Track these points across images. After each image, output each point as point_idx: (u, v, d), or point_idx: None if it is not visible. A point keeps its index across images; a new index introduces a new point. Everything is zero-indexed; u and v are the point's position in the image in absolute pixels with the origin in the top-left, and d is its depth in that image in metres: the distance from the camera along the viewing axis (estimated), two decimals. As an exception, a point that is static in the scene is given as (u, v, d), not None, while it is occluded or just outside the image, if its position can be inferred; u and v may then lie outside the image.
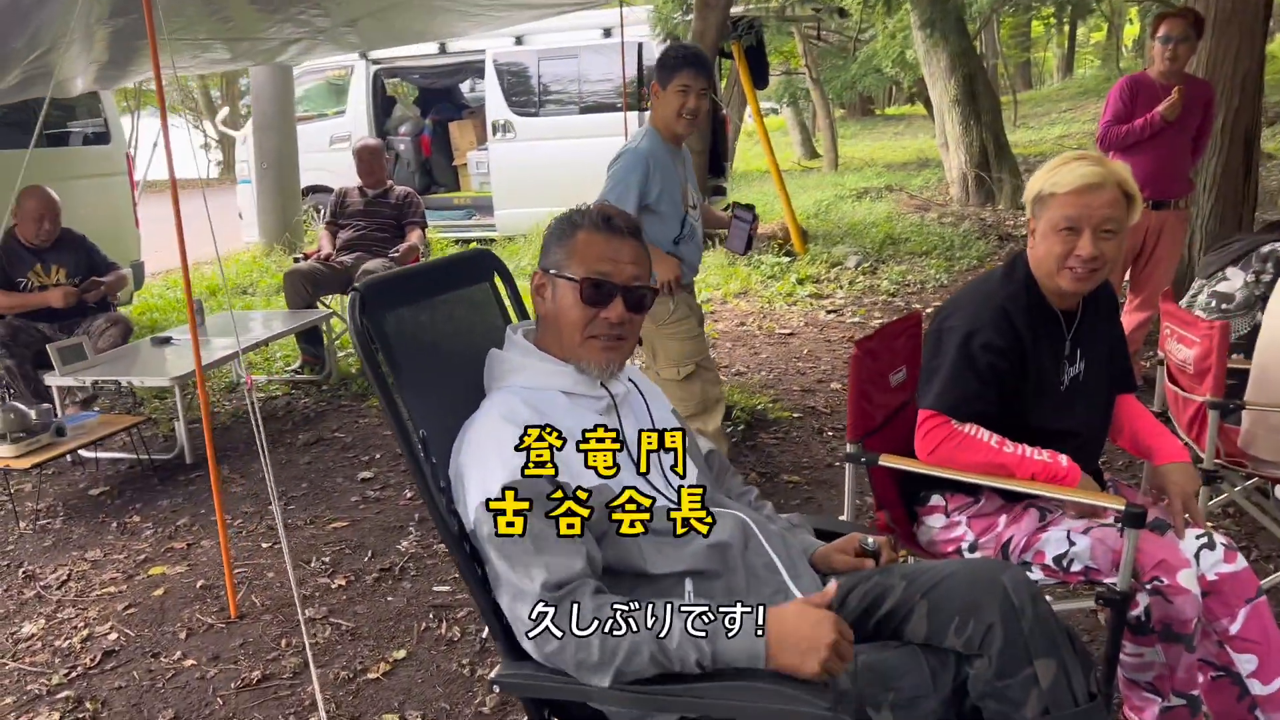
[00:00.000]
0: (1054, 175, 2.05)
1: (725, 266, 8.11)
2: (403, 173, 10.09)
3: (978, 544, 2.18)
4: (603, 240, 1.70)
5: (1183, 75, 4.52)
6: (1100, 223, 2.00)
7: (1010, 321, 2.08)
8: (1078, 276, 2.04)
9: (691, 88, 3.19)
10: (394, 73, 10.24)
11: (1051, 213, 2.04)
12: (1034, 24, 25.90)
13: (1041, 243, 2.08)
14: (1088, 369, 2.21)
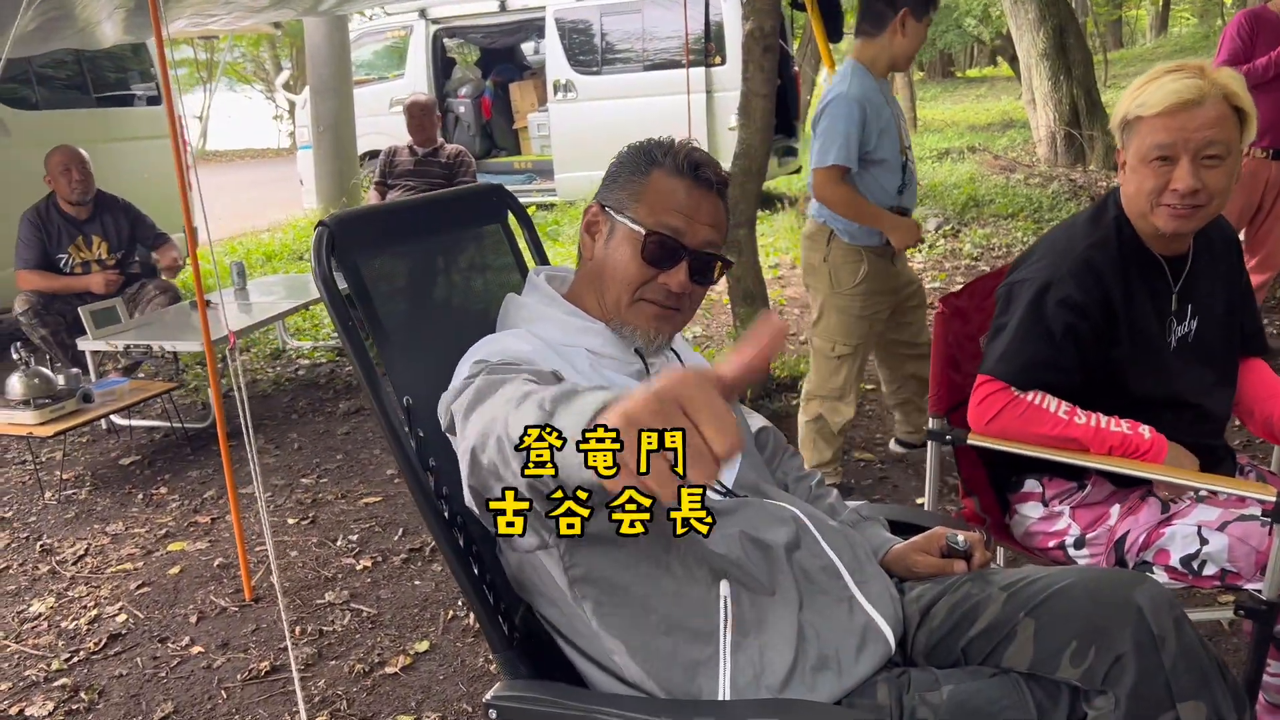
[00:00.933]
0: (1141, 94, 1.66)
1: (794, 230, 7.69)
2: (462, 136, 9.84)
3: (1085, 539, 1.82)
4: (684, 189, 1.37)
5: None
6: (1201, 147, 1.61)
7: (1096, 273, 1.71)
8: (1176, 214, 1.66)
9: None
10: (453, 33, 9.97)
11: (1141, 139, 1.66)
12: (1126, -22, 24.57)
13: (1132, 176, 1.70)
14: (1202, 326, 1.82)
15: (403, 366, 1.36)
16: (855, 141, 2.75)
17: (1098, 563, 1.81)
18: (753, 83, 3.73)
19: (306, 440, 4.04)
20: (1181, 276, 1.80)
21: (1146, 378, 1.78)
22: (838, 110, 2.76)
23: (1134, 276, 1.75)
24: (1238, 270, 1.92)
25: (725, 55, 8.45)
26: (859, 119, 2.74)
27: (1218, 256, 1.86)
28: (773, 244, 7.47)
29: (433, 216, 1.58)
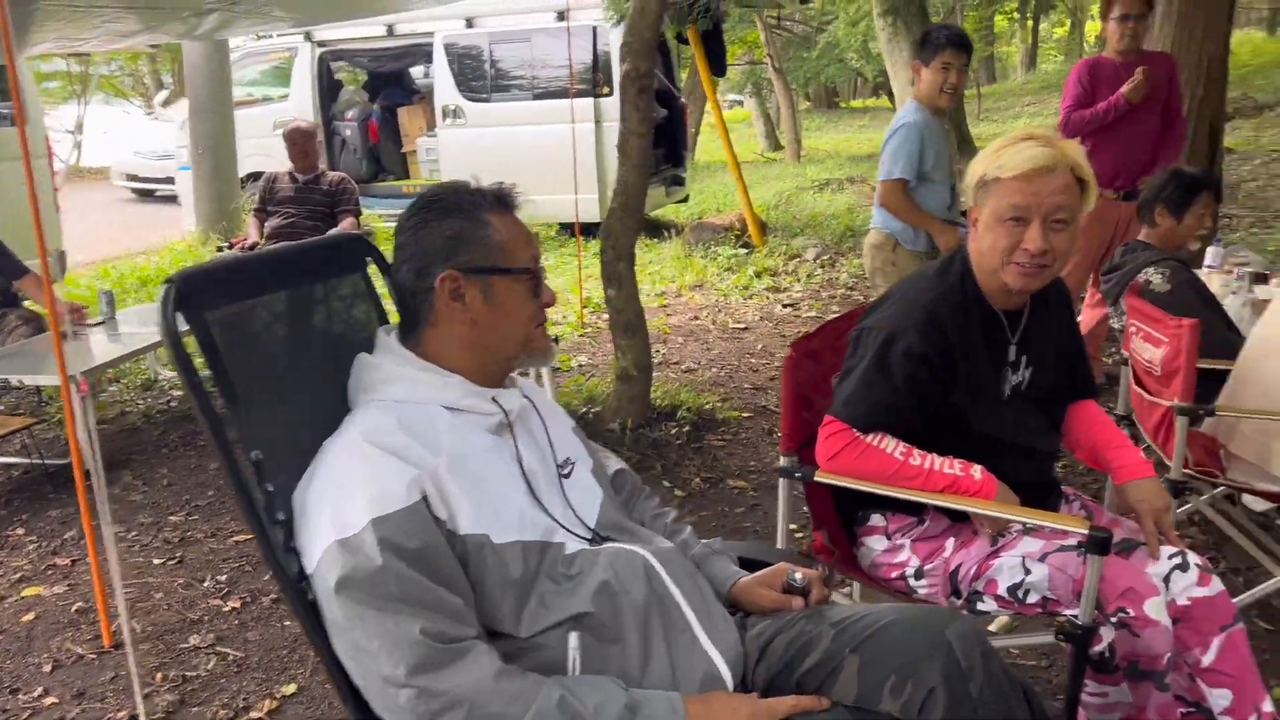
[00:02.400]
0: (999, 157, 1.79)
1: (681, 258, 7.85)
2: (349, 159, 9.72)
3: (923, 570, 1.94)
4: (517, 223, 1.51)
5: (1141, 52, 4.32)
6: (1051, 211, 1.75)
7: (939, 325, 1.84)
8: (1025, 272, 1.79)
9: (952, 65, 3.55)
10: (340, 55, 9.85)
11: (996, 200, 1.79)
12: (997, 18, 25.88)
13: (985, 234, 1.82)
14: (1035, 375, 1.97)
15: (253, 421, 1.37)
16: (915, 160, 3.56)
17: (935, 592, 1.93)
18: (629, 122, 3.83)
19: (177, 476, 3.93)
20: (1019, 329, 1.94)
21: (983, 421, 1.91)
22: (904, 135, 3.58)
23: (974, 329, 1.89)
24: (1069, 322, 2.08)
25: (614, 86, 8.57)
26: (918, 142, 3.55)
27: (1051, 310, 2.01)
28: (659, 272, 7.60)
29: (288, 268, 1.58)
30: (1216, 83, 5.32)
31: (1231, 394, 2.66)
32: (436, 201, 1.51)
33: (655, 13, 3.71)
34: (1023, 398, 1.96)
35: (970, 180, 1.85)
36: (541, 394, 1.67)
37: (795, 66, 13.82)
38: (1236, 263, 4.87)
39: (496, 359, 1.50)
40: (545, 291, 1.51)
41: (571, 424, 1.71)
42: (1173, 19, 5.26)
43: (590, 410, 3.98)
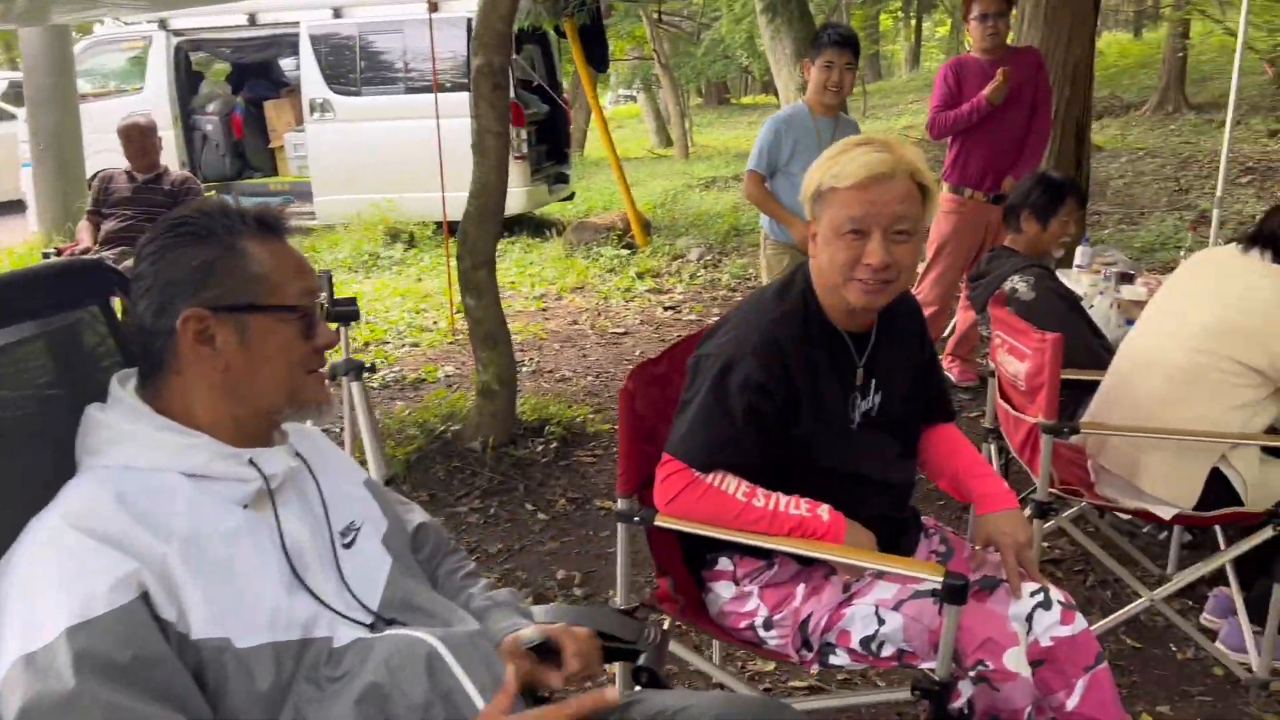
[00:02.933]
0: (834, 165, 1.64)
1: (563, 259, 7.63)
2: (211, 156, 9.18)
3: (772, 621, 1.77)
4: (281, 248, 1.25)
5: (1005, 49, 4.30)
6: (892, 222, 1.61)
7: (780, 350, 1.68)
8: (868, 289, 1.64)
9: (834, 64, 3.57)
10: (199, 46, 9.28)
11: (834, 212, 1.64)
12: (883, 17, 26.39)
13: (824, 249, 1.68)
14: (886, 400, 1.83)
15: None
16: (765, 155, 3.69)
17: (785, 644, 1.76)
18: (484, 119, 3.59)
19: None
20: (866, 351, 1.79)
21: (831, 453, 1.76)
22: (764, 129, 3.74)
23: (818, 353, 1.73)
24: (922, 342, 1.94)
25: (490, 80, 8.28)
26: (771, 136, 3.67)
27: (902, 330, 1.87)
28: (540, 273, 7.37)
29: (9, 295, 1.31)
30: (1082, 84, 5.37)
31: (1100, 406, 2.59)
32: (183, 225, 1.24)
33: (507, 5, 3.47)
34: (874, 425, 1.81)
35: (806, 191, 1.70)
36: (321, 442, 1.43)
37: (683, 63, 13.72)
38: (1104, 262, 4.91)
39: (256, 414, 1.25)
40: (320, 332, 1.27)
41: (363, 476, 1.48)
42: (1039, 20, 5.28)
43: (450, 428, 3.73)
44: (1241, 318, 2.29)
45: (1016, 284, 3.15)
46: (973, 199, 4.37)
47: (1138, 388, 2.46)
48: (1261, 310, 2.27)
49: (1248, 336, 2.27)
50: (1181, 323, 2.42)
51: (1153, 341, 2.52)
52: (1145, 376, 2.46)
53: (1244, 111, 14.47)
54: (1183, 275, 2.61)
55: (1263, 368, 2.26)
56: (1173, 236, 8.24)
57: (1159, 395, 2.40)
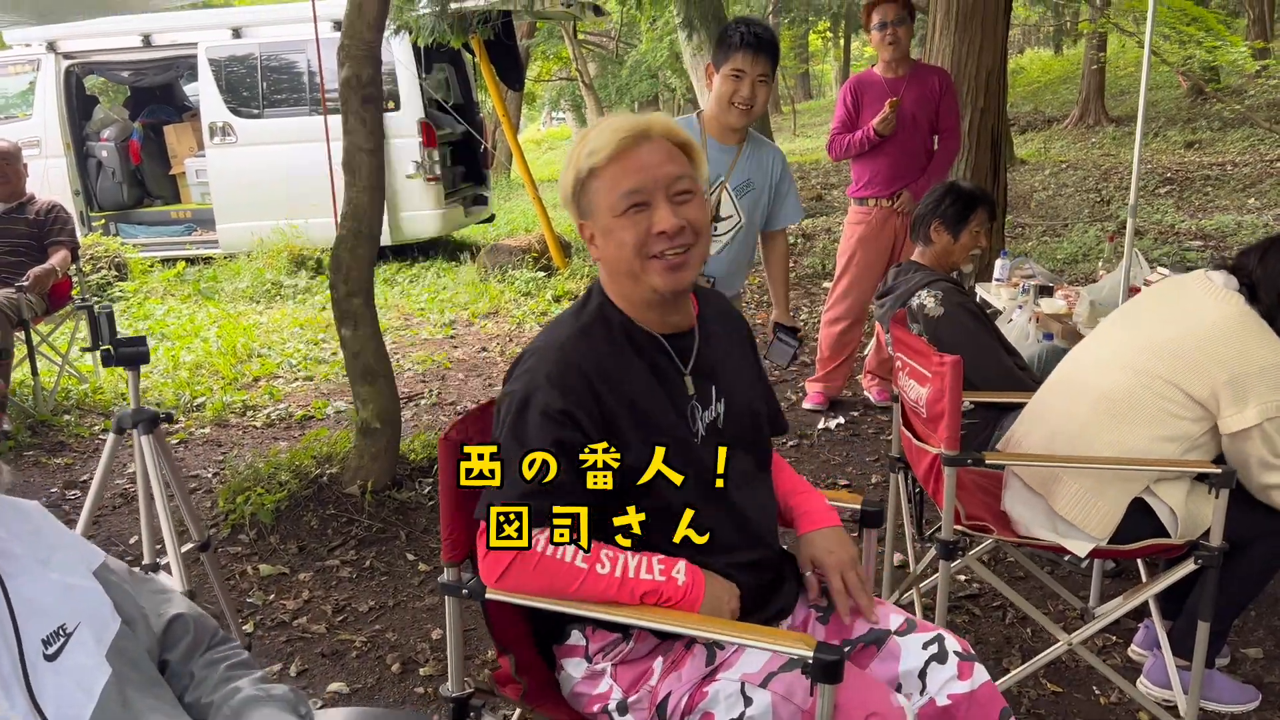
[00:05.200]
0: (586, 146, 1.48)
1: (477, 283, 7.33)
2: (106, 184, 8.72)
3: (627, 704, 1.51)
4: None
5: (909, 62, 4.17)
6: (670, 183, 1.45)
7: (580, 372, 1.45)
8: (670, 263, 1.46)
9: (745, 74, 2.70)
10: (91, 69, 8.83)
11: (605, 194, 1.46)
12: (811, 36, 26.62)
13: (608, 241, 1.48)
14: (733, 409, 1.60)
15: None
16: None
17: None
18: (355, 136, 3.31)
19: None
20: (691, 355, 1.57)
21: (687, 485, 1.50)
22: None
23: (632, 365, 1.51)
24: (750, 344, 1.75)
25: (400, 101, 8.00)
26: None
27: (726, 329, 1.68)
28: (452, 298, 7.06)
29: None
30: (995, 95, 5.26)
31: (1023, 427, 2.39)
32: None
33: (375, 11, 3.21)
34: (722, 438, 1.57)
35: (565, 192, 1.52)
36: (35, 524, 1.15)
37: (608, 82, 13.55)
38: (1023, 275, 4.79)
39: None
40: None
41: (95, 563, 1.19)
42: (950, 31, 5.17)
43: (326, 471, 3.42)
44: (1190, 342, 2.10)
45: (924, 299, 2.97)
46: (877, 206, 4.24)
47: (1064, 410, 2.27)
48: (1210, 334, 2.08)
49: (1194, 363, 2.08)
50: (1126, 343, 2.24)
51: (1089, 362, 2.33)
52: (1074, 398, 2.26)
53: (1161, 124, 14.75)
54: (1142, 299, 2.43)
55: (1203, 398, 2.07)
56: (1094, 247, 8.23)
57: (1084, 418, 2.20)
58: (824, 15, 17.23)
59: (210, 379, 5.12)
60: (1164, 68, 14.39)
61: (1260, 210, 9.71)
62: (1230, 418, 2.06)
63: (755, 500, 1.62)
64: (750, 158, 2.84)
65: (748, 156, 2.84)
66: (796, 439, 4.20)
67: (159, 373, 5.20)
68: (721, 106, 2.75)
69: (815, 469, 3.88)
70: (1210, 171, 11.70)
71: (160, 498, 2.02)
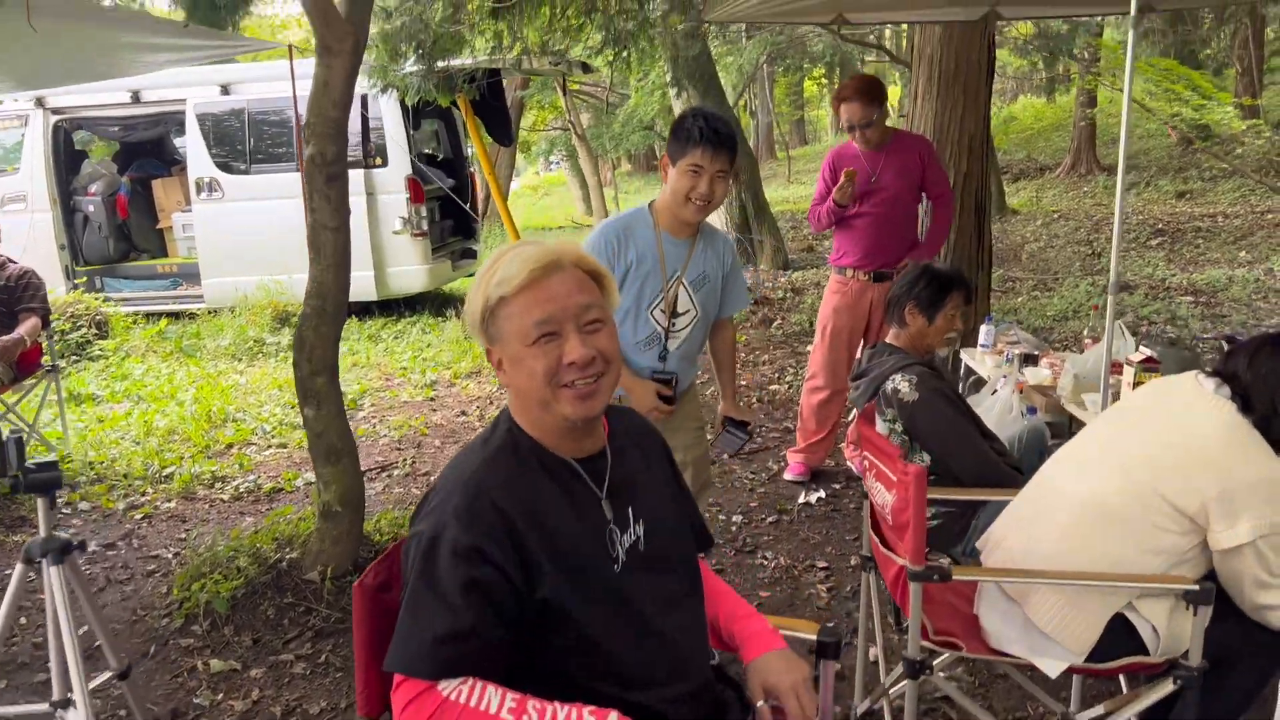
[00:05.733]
0: (495, 274, 1.43)
1: (460, 341, 7.27)
2: (93, 238, 8.69)
3: None
4: None
5: (887, 134, 4.13)
6: (580, 313, 1.42)
7: (491, 503, 1.38)
8: (581, 393, 1.42)
9: (704, 170, 2.54)
10: (80, 124, 8.84)
11: (516, 322, 1.42)
12: (806, 84, 26.84)
13: (518, 369, 1.43)
14: (654, 531, 1.53)
15: None
16: None
17: None
18: (319, 214, 3.25)
19: None
20: (605, 477, 1.50)
21: (598, 609, 1.43)
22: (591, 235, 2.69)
23: (546, 492, 1.44)
24: (666, 459, 1.69)
25: (387, 157, 7.99)
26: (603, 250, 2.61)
27: (641, 446, 1.62)
28: (435, 356, 6.99)
29: None
30: (979, 159, 5.23)
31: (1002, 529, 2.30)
32: None
33: (340, 89, 3.16)
34: (645, 562, 1.50)
35: (473, 317, 1.46)
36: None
37: (600, 133, 13.58)
38: (1008, 341, 4.72)
39: None
40: None
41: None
42: (932, 98, 5.15)
43: (286, 556, 3.32)
44: (1180, 451, 2.01)
45: (899, 383, 2.90)
46: (854, 278, 4.21)
47: (1046, 516, 2.17)
48: (1201, 445, 1.99)
49: (1183, 473, 1.98)
50: (1112, 449, 2.15)
51: (1073, 466, 2.24)
52: (1056, 504, 2.17)
53: (1153, 173, 14.80)
54: (1131, 401, 2.35)
55: (1192, 512, 1.97)
56: (1084, 303, 8.17)
57: (1066, 527, 2.11)
58: (818, 63, 17.41)
59: (182, 446, 5.03)
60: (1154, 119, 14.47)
61: (1251, 264, 9.68)
62: (1221, 533, 1.97)
63: (684, 625, 1.54)
64: (704, 250, 2.73)
65: (702, 249, 2.72)
66: (776, 514, 4.10)
67: (129, 439, 5.11)
68: (678, 201, 2.60)
69: (794, 548, 3.78)
70: (1201, 223, 11.70)
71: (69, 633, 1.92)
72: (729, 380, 2.97)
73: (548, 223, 18.66)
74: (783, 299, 8.66)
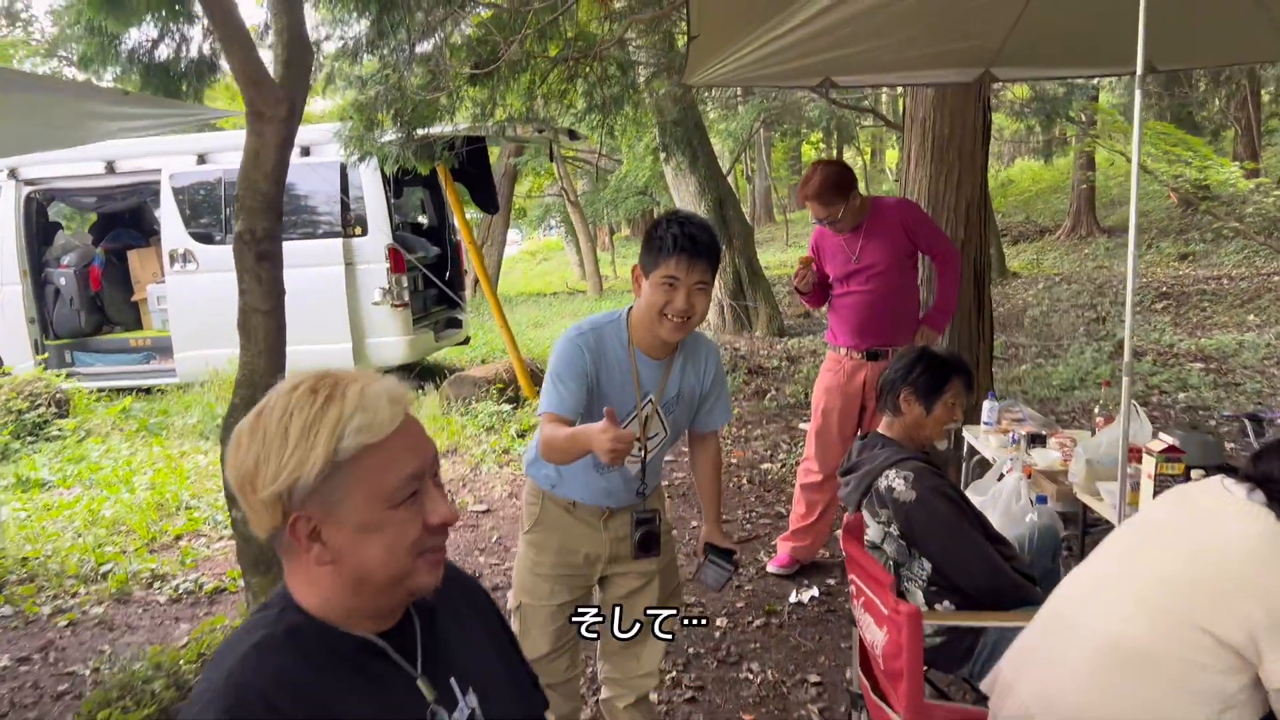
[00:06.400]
0: (352, 421, 1.08)
1: (438, 417, 6.93)
2: (63, 311, 8.40)
3: None
4: None
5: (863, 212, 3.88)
6: (435, 461, 1.19)
7: (262, 700, 1.05)
8: (438, 558, 1.18)
9: (680, 282, 2.12)
10: (53, 195, 8.62)
11: (377, 479, 1.11)
12: (804, 148, 26.89)
13: (363, 545, 1.11)
14: (488, 696, 1.26)
15: None
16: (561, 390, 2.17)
17: None
18: (249, 296, 2.96)
19: None
20: (416, 649, 1.21)
21: None
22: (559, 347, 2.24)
23: (340, 684, 1.13)
24: (489, 608, 1.41)
25: (367, 226, 7.76)
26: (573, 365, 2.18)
27: (453, 601, 1.31)
28: (412, 435, 6.64)
29: None
30: (976, 226, 4.95)
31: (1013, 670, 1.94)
32: None
33: (273, 162, 2.89)
34: None
35: (299, 478, 1.07)
36: None
37: (595, 199, 13.44)
38: (1013, 419, 4.38)
39: None
40: None
41: None
42: (926, 164, 4.89)
43: (209, 677, 2.95)
44: (1214, 572, 1.67)
45: (893, 480, 2.57)
46: (848, 356, 3.93)
47: (1062, 657, 1.82)
48: (1240, 563, 1.65)
49: (1221, 597, 1.63)
50: (1134, 574, 1.80)
51: (1090, 596, 1.88)
52: (1073, 642, 1.81)
53: (1154, 235, 14.60)
54: (1150, 515, 2.00)
55: (1238, 644, 1.61)
56: (1092, 371, 7.86)
57: (1088, 671, 1.75)
58: (816, 128, 17.36)
59: (126, 539, 4.67)
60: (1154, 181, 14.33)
61: (1261, 328, 9.39)
62: (1275, 666, 1.61)
63: None
64: (682, 369, 2.33)
65: (680, 368, 2.32)
66: (764, 616, 3.72)
67: (71, 531, 4.75)
68: (652, 317, 2.17)
69: (783, 658, 3.40)
70: (1206, 286, 11.44)
71: None
72: (712, 502, 2.55)
73: (544, 288, 18.47)
74: (777, 368, 8.35)
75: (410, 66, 5.95)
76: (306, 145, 7.81)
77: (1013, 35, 3.84)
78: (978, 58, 4.10)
